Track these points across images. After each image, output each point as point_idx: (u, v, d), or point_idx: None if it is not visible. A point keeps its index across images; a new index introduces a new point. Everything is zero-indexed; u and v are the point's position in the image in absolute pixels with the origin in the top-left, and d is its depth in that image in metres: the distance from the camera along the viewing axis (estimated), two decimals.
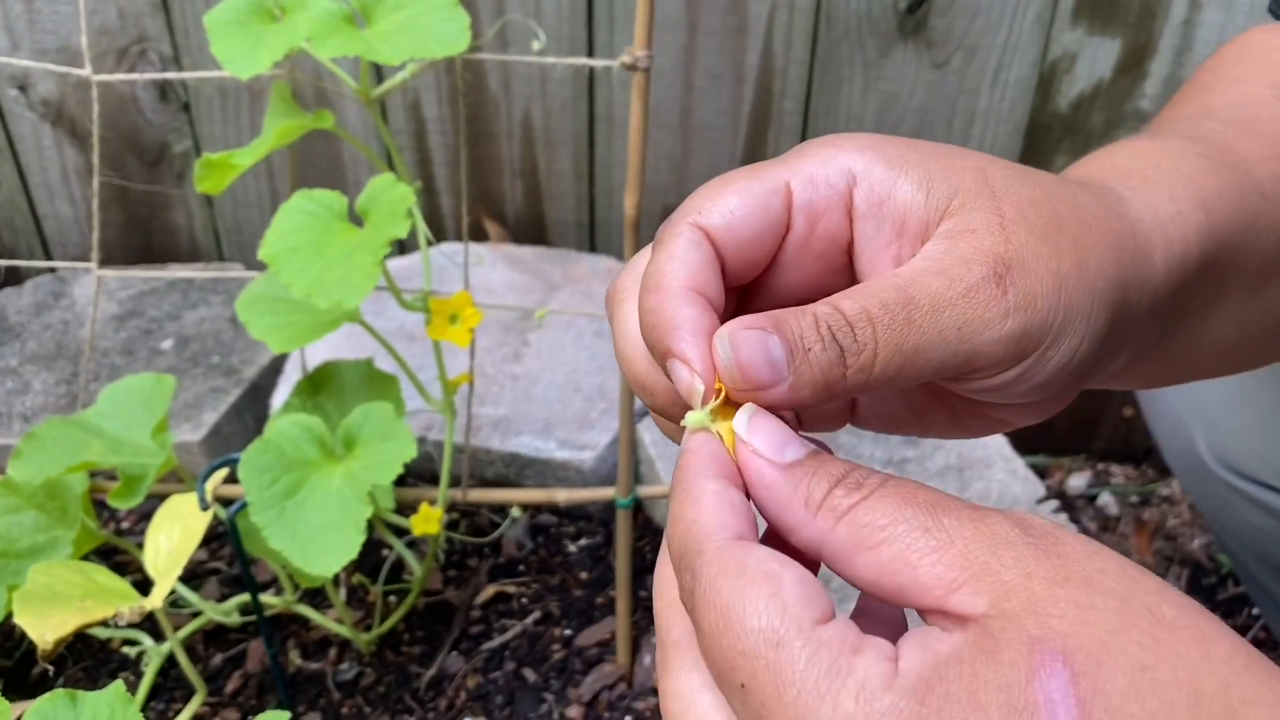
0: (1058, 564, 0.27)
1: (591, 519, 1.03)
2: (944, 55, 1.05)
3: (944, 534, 0.28)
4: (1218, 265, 0.41)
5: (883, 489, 0.29)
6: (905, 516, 0.28)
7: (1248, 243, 0.42)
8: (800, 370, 0.32)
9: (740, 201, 0.34)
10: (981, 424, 0.40)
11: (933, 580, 0.27)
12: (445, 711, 0.88)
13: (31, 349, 1.15)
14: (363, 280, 0.69)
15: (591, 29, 1.09)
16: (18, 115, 1.21)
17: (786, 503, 0.30)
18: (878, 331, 0.32)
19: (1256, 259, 0.43)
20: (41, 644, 0.68)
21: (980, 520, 0.28)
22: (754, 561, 0.29)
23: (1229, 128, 0.46)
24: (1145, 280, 0.37)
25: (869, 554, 0.28)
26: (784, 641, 0.27)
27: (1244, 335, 0.45)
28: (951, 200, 0.34)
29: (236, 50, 0.75)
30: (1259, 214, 0.42)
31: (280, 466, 0.73)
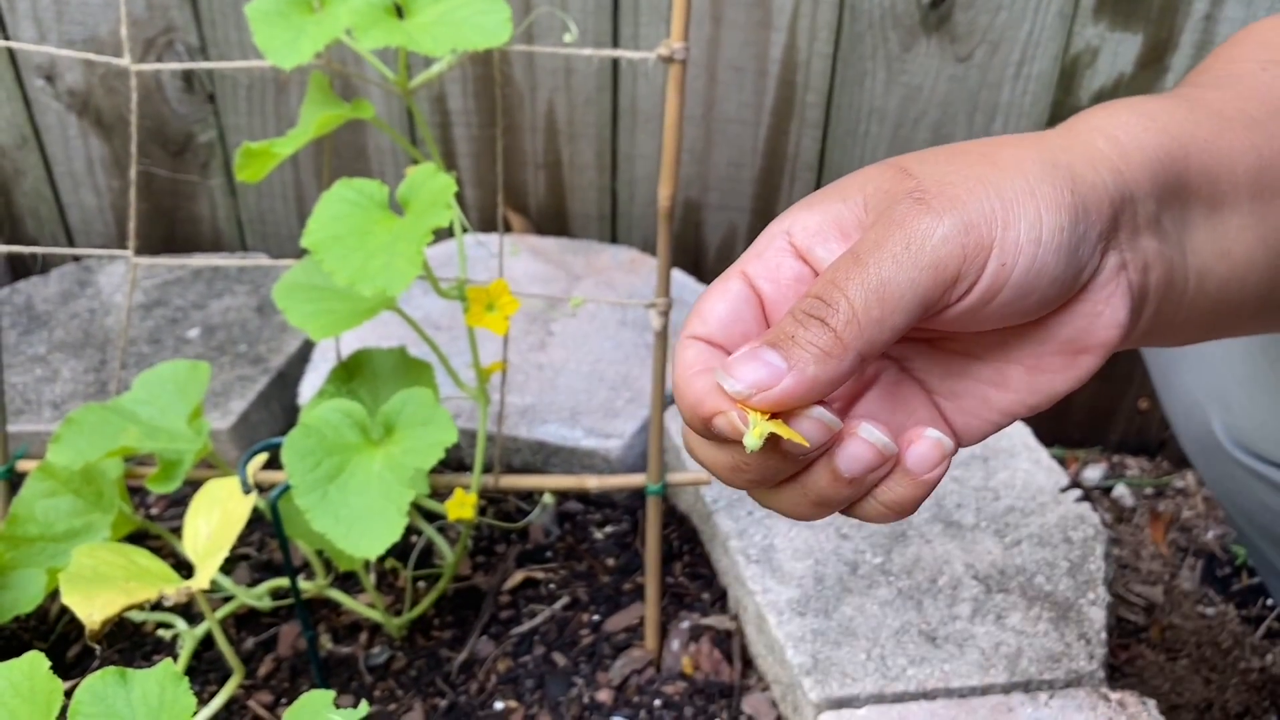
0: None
1: (617, 507, 1.05)
2: (967, 49, 1.06)
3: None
4: (1192, 166, 0.42)
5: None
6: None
7: (1220, 152, 0.44)
8: (794, 355, 0.35)
9: (709, 302, 0.40)
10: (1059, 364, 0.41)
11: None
12: (476, 694, 0.89)
13: (59, 337, 1.16)
14: (406, 268, 0.70)
15: (617, 22, 1.10)
16: (44, 105, 1.22)
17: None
18: (843, 287, 0.36)
19: (1241, 169, 0.44)
20: (89, 624, 0.69)
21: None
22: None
23: (1199, 88, 0.48)
24: (1093, 160, 0.39)
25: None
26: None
27: (1271, 256, 0.45)
28: (865, 189, 0.39)
29: (278, 41, 0.76)
30: (1223, 131, 0.44)
31: (321, 451, 0.74)
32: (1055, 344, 0.40)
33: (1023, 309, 0.38)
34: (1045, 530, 0.92)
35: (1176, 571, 1.15)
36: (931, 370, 0.42)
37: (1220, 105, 0.46)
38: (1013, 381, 0.41)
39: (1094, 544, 0.91)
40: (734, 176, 1.17)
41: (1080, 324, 0.39)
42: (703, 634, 0.92)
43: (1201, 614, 1.11)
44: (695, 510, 1.01)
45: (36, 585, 0.84)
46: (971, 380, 0.41)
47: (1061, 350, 0.40)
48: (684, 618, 0.93)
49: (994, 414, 0.41)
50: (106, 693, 0.62)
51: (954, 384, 0.42)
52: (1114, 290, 0.39)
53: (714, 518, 0.95)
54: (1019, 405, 0.41)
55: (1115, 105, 0.44)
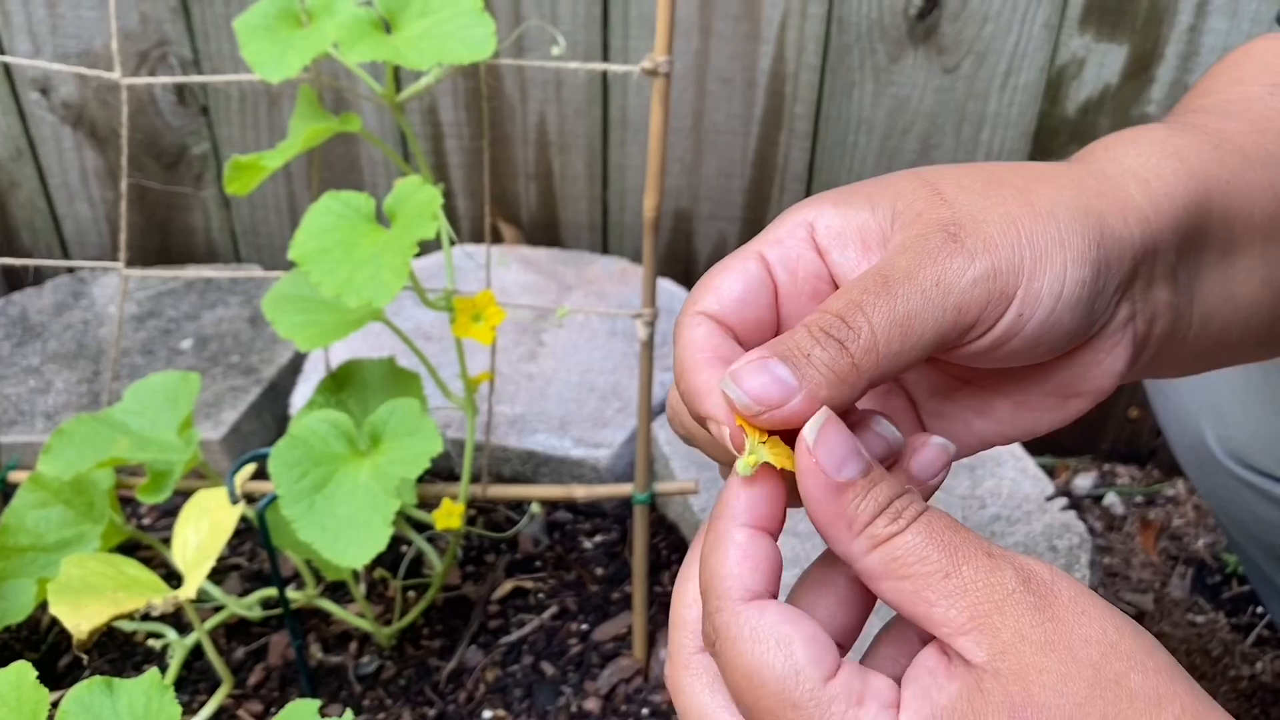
0: (1049, 629, 0.32)
1: (606, 516, 1.05)
2: (954, 60, 1.07)
3: (959, 581, 0.33)
4: (1214, 209, 0.42)
5: (916, 524, 0.34)
6: (929, 558, 0.33)
7: (1240, 193, 0.44)
8: (807, 375, 0.34)
9: (725, 279, 0.38)
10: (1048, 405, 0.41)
11: (944, 620, 0.33)
12: (465, 704, 0.89)
13: (53, 348, 1.17)
14: (392, 280, 0.70)
15: (606, 35, 1.11)
16: (39, 118, 1.22)
17: (833, 520, 0.34)
18: (868, 312, 0.35)
19: (1258, 210, 0.44)
20: (77, 634, 0.70)
21: (992, 571, 0.33)
22: (767, 625, 0.34)
23: (1212, 115, 0.48)
24: (1125, 210, 0.39)
25: (895, 582, 0.33)
26: (799, 703, 0.33)
27: (1275, 296, 0.46)
28: (896, 204, 0.38)
29: (266, 55, 0.76)
30: (1244, 169, 0.44)
31: (309, 461, 0.74)
32: (1049, 386, 0.40)
33: (1030, 355, 0.38)
34: (1031, 539, 0.93)
35: (1167, 579, 1.15)
36: (922, 386, 0.42)
37: (1240, 140, 0.45)
38: (997, 413, 0.41)
39: (1079, 553, 0.92)
40: (724, 187, 1.18)
41: (1078, 370, 0.39)
42: None
43: (1192, 622, 1.11)
44: (684, 519, 1.01)
45: (27, 595, 0.84)
46: (958, 404, 0.42)
47: (1054, 393, 0.40)
48: None
49: (973, 439, 0.42)
50: (93, 702, 0.63)
51: (940, 404, 0.42)
52: (1118, 340, 0.39)
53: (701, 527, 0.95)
54: (998, 436, 0.42)
55: (1145, 141, 0.43)
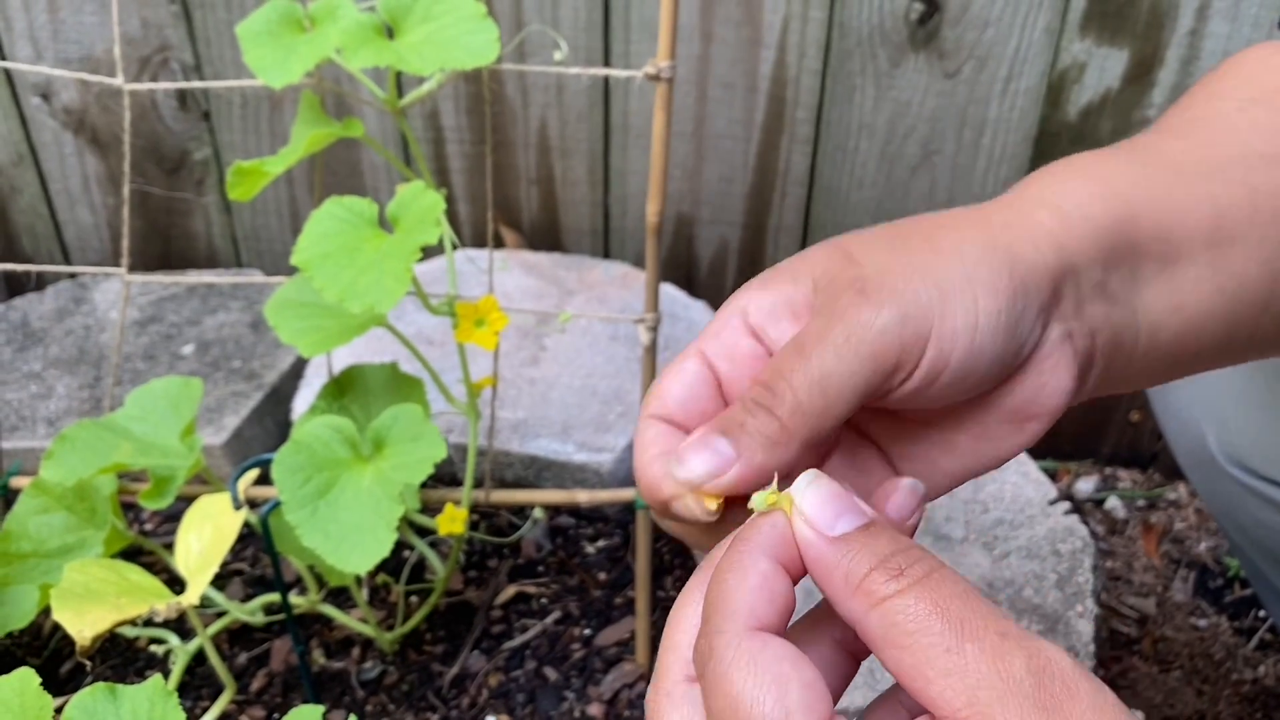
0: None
1: (608, 521, 1.05)
2: (955, 65, 1.07)
3: (962, 660, 0.30)
4: (1143, 226, 0.43)
5: (919, 585, 0.31)
6: (931, 629, 0.30)
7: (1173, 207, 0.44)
8: (743, 443, 0.36)
9: (668, 381, 0.40)
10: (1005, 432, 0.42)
11: (941, 700, 0.30)
12: (468, 709, 0.89)
13: (54, 354, 1.17)
14: (395, 285, 0.70)
15: (608, 40, 1.11)
16: (40, 123, 1.22)
17: (829, 576, 0.33)
18: (788, 377, 0.37)
19: (1195, 223, 0.44)
20: (80, 640, 0.69)
21: (1000, 657, 0.29)
22: (768, 658, 0.32)
23: (1164, 134, 0.49)
24: (1035, 237, 0.40)
25: (894, 651, 0.31)
26: None
27: (1228, 306, 0.46)
28: (814, 273, 0.40)
29: (269, 61, 0.76)
30: (1176, 184, 0.45)
31: (312, 466, 0.74)
32: (1002, 413, 0.41)
33: (966, 388, 0.39)
34: (1034, 543, 0.93)
35: (1169, 583, 1.15)
36: (885, 435, 0.43)
37: (1178, 156, 0.46)
38: (960, 448, 0.42)
39: (1082, 556, 0.92)
40: (725, 191, 1.18)
41: (1026, 394, 0.40)
42: None
43: (1194, 626, 1.11)
44: None
45: (30, 601, 0.84)
46: (923, 446, 0.43)
47: (1008, 419, 0.41)
48: None
49: (943, 477, 0.42)
50: (96, 709, 0.63)
51: (906, 448, 0.43)
52: (1058, 360, 0.40)
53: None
54: (965, 471, 0.42)
55: (1066, 169, 0.44)
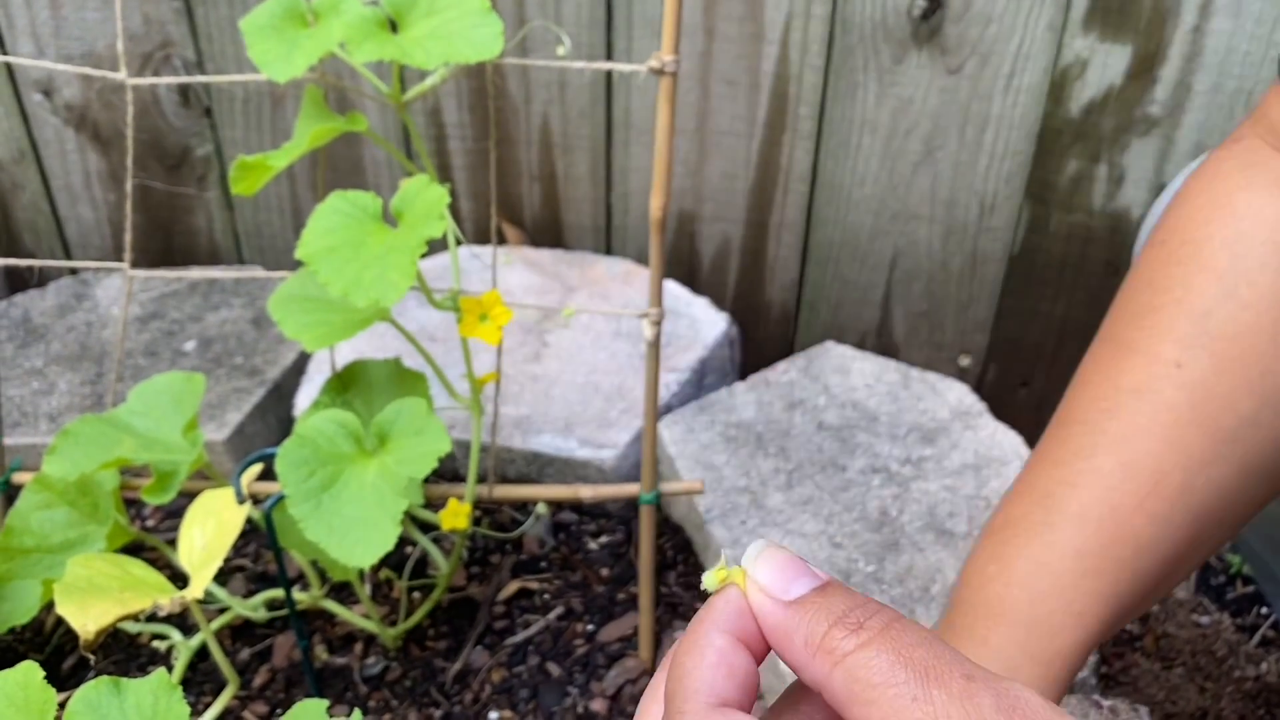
0: None
1: (611, 517, 1.05)
2: (957, 61, 1.07)
3: (930, 707, 0.29)
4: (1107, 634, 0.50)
5: (880, 638, 0.30)
6: (896, 680, 0.29)
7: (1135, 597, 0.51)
8: None
9: None
10: None
11: None
12: (471, 704, 0.89)
13: (56, 350, 1.17)
14: (400, 279, 0.70)
15: (610, 36, 1.11)
16: (42, 120, 1.22)
17: (789, 642, 0.32)
18: None
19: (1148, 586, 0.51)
20: (84, 634, 0.69)
21: (968, 698, 0.29)
22: None
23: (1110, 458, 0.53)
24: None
25: (861, 708, 0.30)
26: None
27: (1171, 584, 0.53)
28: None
29: (272, 55, 0.76)
30: (1140, 572, 0.51)
31: (315, 461, 0.74)
32: None
33: None
34: None
35: None
36: None
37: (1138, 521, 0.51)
38: None
39: None
40: (728, 188, 1.18)
41: None
42: None
43: (1196, 622, 1.11)
44: (689, 520, 1.01)
45: (32, 597, 0.84)
46: None
47: None
48: (678, 627, 0.94)
49: None
50: (100, 702, 0.63)
51: None
52: None
53: (708, 527, 0.95)
54: None
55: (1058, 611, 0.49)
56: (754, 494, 0.97)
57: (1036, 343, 1.20)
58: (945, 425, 1.04)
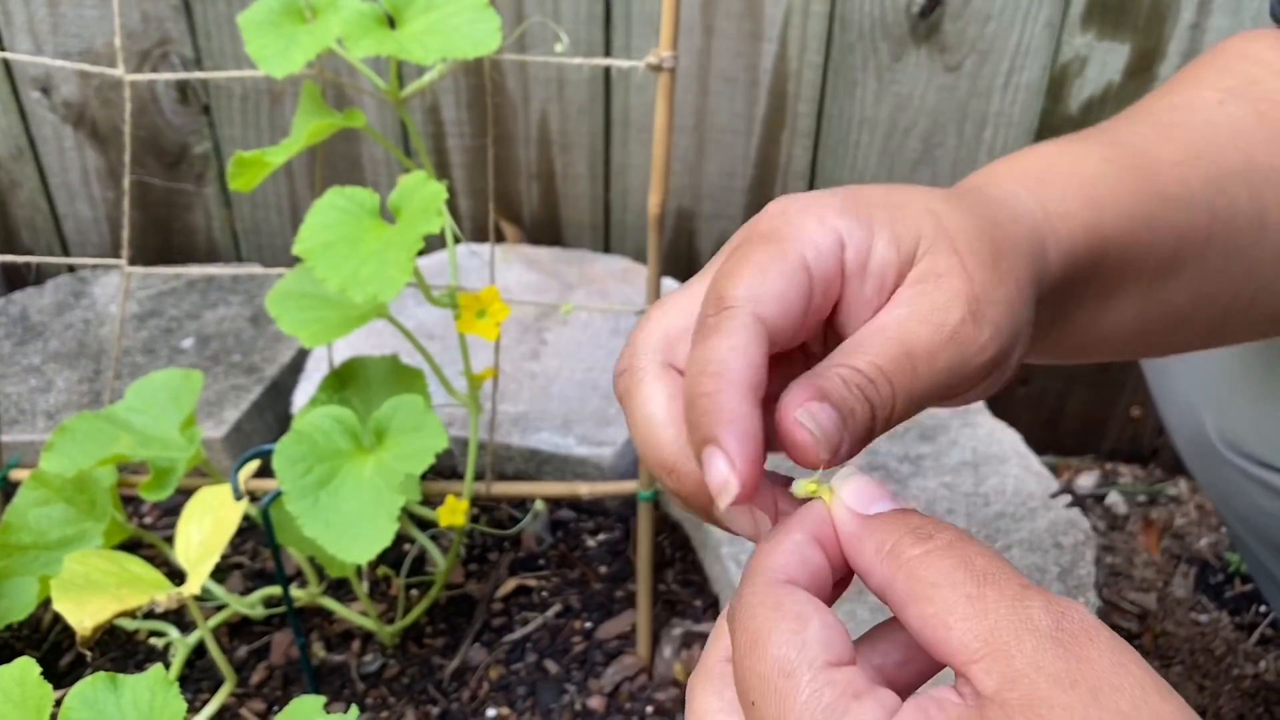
0: (1073, 665, 0.28)
1: (609, 514, 1.05)
2: (956, 59, 1.07)
3: (983, 604, 0.30)
4: (1109, 259, 0.44)
5: (946, 547, 0.31)
6: (955, 580, 0.30)
7: (1143, 240, 0.45)
8: (852, 431, 0.35)
9: (786, 288, 0.36)
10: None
11: (960, 646, 0.29)
12: (468, 702, 0.89)
13: (53, 348, 1.17)
14: (397, 274, 0.70)
15: (609, 33, 1.11)
16: (40, 117, 1.22)
17: (861, 549, 0.33)
18: (894, 386, 0.36)
19: (1154, 256, 0.46)
20: (81, 630, 0.69)
21: (1021, 599, 0.30)
22: (790, 600, 0.32)
23: (1153, 130, 0.50)
24: (1046, 273, 0.41)
25: (917, 606, 0.31)
26: (793, 673, 0.30)
27: (1144, 323, 0.48)
28: (916, 248, 0.37)
29: (270, 50, 0.76)
30: (1156, 215, 0.46)
31: (313, 457, 0.74)
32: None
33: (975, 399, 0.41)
34: (1035, 536, 0.93)
35: (1170, 579, 1.15)
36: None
37: (1168, 176, 0.47)
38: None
39: (1084, 549, 0.92)
40: (726, 186, 1.18)
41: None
42: (695, 641, 0.92)
43: (1195, 621, 1.11)
44: (687, 517, 1.01)
45: (29, 593, 0.84)
46: None
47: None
48: (676, 625, 0.94)
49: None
50: (97, 698, 0.63)
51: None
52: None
53: (706, 524, 0.95)
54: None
55: (1074, 181, 0.44)
56: None
57: None
58: (944, 423, 1.04)
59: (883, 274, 0.37)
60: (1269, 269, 0.51)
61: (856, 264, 0.37)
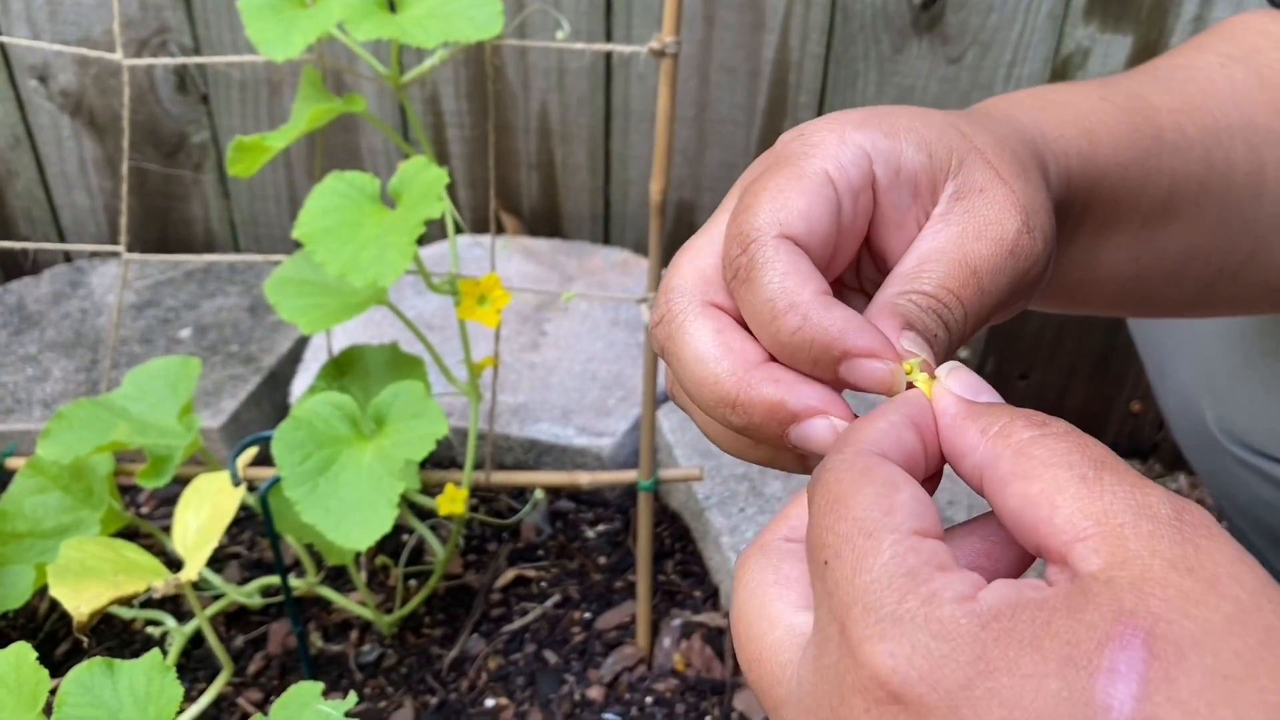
0: (1190, 552, 0.25)
1: (609, 505, 1.04)
2: (958, 50, 1.06)
3: (1098, 486, 0.27)
4: (1103, 191, 0.44)
5: (1064, 433, 0.29)
6: (1071, 461, 0.27)
7: (1137, 177, 0.45)
8: (935, 358, 0.34)
9: (809, 203, 0.34)
10: None
11: (1065, 524, 0.27)
12: (467, 692, 0.88)
13: (50, 337, 1.16)
14: (397, 259, 0.70)
15: (610, 22, 1.10)
16: (37, 106, 1.22)
17: (964, 429, 0.31)
18: (966, 306, 0.35)
19: (1148, 197, 0.46)
20: (77, 616, 0.69)
21: (1140, 486, 0.27)
22: (882, 468, 0.29)
23: (1153, 81, 0.50)
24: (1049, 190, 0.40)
25: (1022, 483, 0.28)
26: (875, 533, 0.27)
27: (1138, 270, 0.47)
28: (950, 158, 0.36)
29: (270, 34, 0.76)
30: (1151, 154, 0.45)
31: (312, 443, 0.74)
32: None
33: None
34: None
35: None
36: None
37: (1165, 120, 0.47)
38: None
39: None
40: (727, 177, 1.17)
41: None
42: (694, 631, 0.92)
43: None
44: (687, 508, 1.01)
45: (25, 581, 0.84)
46: None
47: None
48: (676, 615, 0.93)
49: None
50: (93, 683, 0.62)
51: None
52: None
53: (706, 514, 0.94)
54: None
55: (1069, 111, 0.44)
56: (752, 481, 0.96)
57: (1035, 335, 1.20)
58: None
59: (916, 179, 0.36)
60: (1266, 229, 0.51)
61: (888, 174, 0.36)
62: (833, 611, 0.27)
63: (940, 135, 0.37)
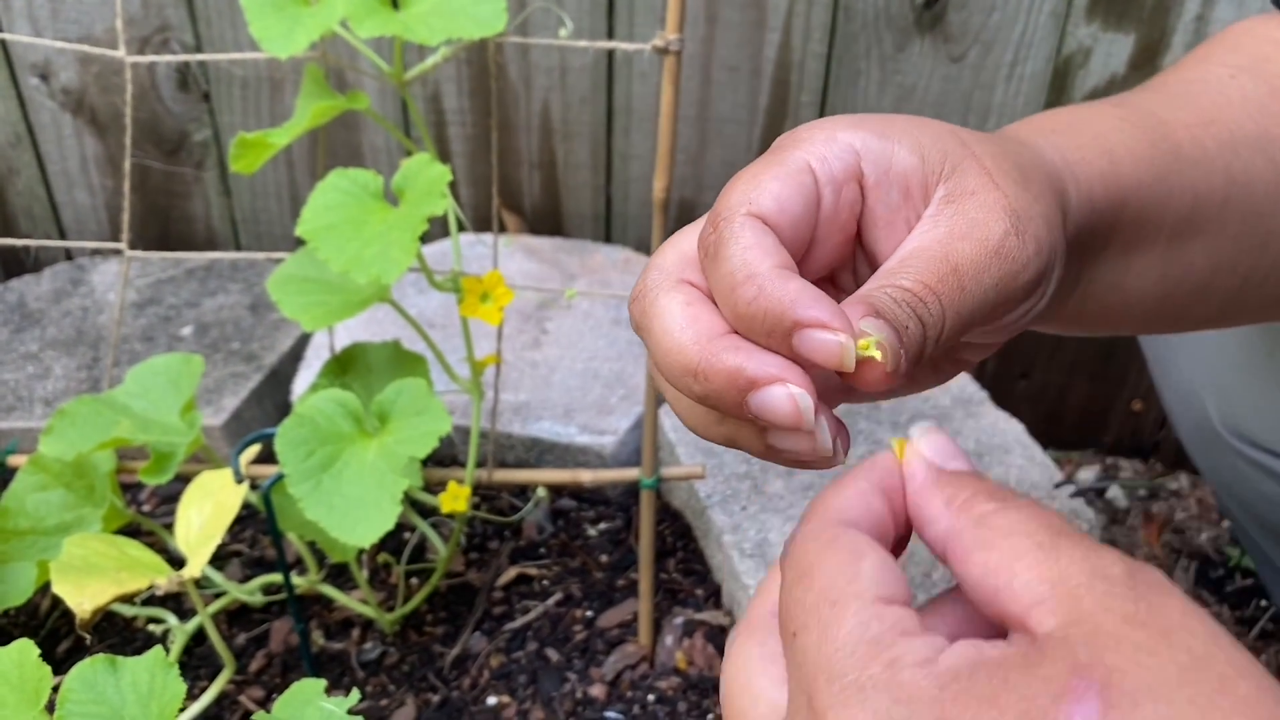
0: (1144, 608, 0.26)
1: (610, 504, 1.04)
2: (960, 49, 1.06)
3: (1055, 552, 0.28)
4: (1127, 212, 0.44)
5: (1023, 506, 0.30)
6: (1029, 529, 0.28)
7: (1160, 195, 0.45)
8: (908, 349, 0.34)
9: (782, 186, 0.35)
10: (951, 367, 0.43)
11: (1023, 590, 0.27)
12: (469, 690, 0.88)
13: (51, 335, 1.16)
14: (401, 256, 0.70)
15: (612, 20, 1.10)
16: (38, 104, 1.22)
17: (930, 498, 0.32)
18: (944, 304, 0.34)
19: (1171, 214, 0.46)
20: (80, 612, 0.69)
21: (1095, 550, 0.28)
22: (846, 537, 0.30)
23: (1165, 98, 0.50)
24: (1069, 215, 0.41)
25: (983, 553, 0.29)
26: (840, 601, 0.28)
27: (1166, 289, 0.47)
28: (944, 163, 0.36)
29: (274, 31, 0.76)
30: (1172, 170, 0.45)
31: (315, 440, 0.74)
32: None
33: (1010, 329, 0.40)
34: None
35: (1170, 573, 1.15)
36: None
37: (1182, 136, 0.47)
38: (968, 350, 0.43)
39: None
40: (728, 176, 1.17)
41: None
42: (696, 629, 0.92)
43: None
44: (689, 506, 1.01)
45: (27, 579, 0.84)
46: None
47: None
48: (678, 613, 0.93)
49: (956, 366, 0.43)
50: (96, 680, 0.62)
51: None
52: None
53: (708, 513, 0.94)
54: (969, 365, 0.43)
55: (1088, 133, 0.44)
56: (755, 480, 0.96)
57: (1036, 334, 1.20)
58: (947, 412, 1.03)
59: (906, 180, 0.36)
60: None
61: (877, 173, 0.36)
62: (800, 683, 0.28)
63: (935, 140, 0.37)
